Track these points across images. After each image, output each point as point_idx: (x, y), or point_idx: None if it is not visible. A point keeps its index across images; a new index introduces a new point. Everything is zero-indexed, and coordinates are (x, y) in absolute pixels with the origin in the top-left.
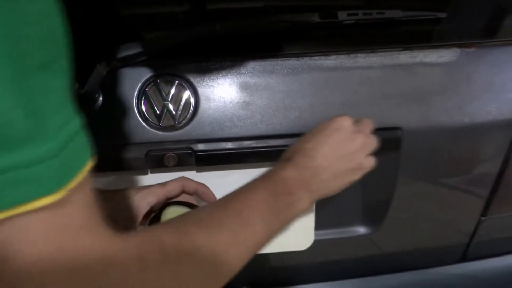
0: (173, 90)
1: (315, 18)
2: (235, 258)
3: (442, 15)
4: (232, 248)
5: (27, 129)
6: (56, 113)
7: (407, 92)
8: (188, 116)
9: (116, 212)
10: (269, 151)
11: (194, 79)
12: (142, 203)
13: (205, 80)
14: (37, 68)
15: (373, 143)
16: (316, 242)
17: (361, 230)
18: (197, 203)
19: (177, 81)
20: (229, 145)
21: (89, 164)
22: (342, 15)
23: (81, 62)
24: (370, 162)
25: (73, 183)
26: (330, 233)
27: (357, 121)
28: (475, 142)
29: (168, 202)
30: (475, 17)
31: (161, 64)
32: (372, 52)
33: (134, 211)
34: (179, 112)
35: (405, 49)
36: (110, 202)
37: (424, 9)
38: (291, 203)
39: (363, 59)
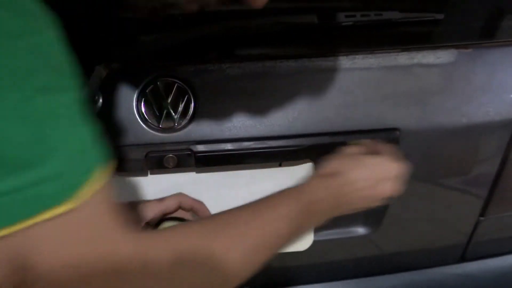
0: (172, 92)
1: (313, 20)
2: (249, 268)
3: (440, 16)
4: (254, 254)
5: (33, 152)
6: (63, 132)
7: (405, 93)
8: (187, 117)
9: None
10: (268, 152)
11: (193, 81)
12: (138, 218)
13: (204, 82)
14: (39, 91)
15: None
16: (315, 243)
17: (360, 230)
18: (193, 219)
19: (176, 83)
20: (228, 146)
21: (102, 173)
22: (340, 17)
23: (80, 64)
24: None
25: (84, 193)
26: (330, 234)
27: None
28: (473, 142)
29: (164, 218)
30: (472, 18)
31: (160, 66)
32: (370, 53)
33: None
34: (178, 113)
35: (403, 50)
36: None
37: (422, 11)
38: (309, 222)
39: (361, 61)
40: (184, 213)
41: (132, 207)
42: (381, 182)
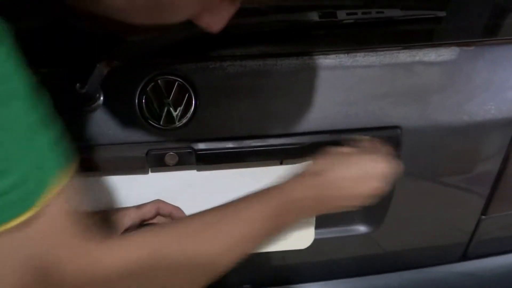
0: (173, 90)
1: (314, 17)
2: (223, 266)
3: (441, 14)
4: (222, 258)
5: None
6: (22, 141)
7: (406, 91)
8: (188, 115)
9: None
10: (269, 150)
11: (194, 79)
12: (117, 225)
13: (205, 80)
14: None
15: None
16: (316, 241)
17: (362, 228)
18: None
19: (177, 81)
20: (230, 144)
21: (63, 177)
22: (341, 14)
23: (82, 62)
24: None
25: (45, 199)
26: (331, 232)
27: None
28: (475, 140)
29: (143, 224)
30: (474, 15)
31: (161, 63)
32: (371, 51)
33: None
34: (179, 111)
35: (404, 48)
36: None
37: (423, 8)
38: (289, 222)
39: (362, 58)
40: (163, 220)
41: (109, 214)
42: (364, 181)
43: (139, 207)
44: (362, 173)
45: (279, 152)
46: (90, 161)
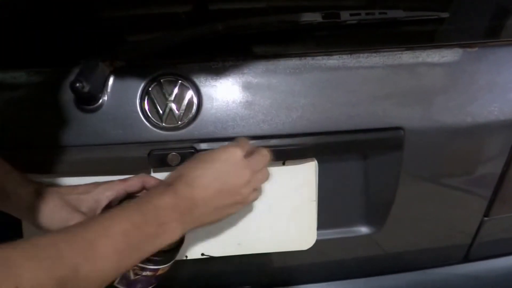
0: (176, 90)
1: (318, 18)
2: (88, 281)
3: (445, 15)
4: (70, 283)
5: None
6: None
7: (409, 92)
8: (190, 115)
9: (77, 205)
10: (271, 150)
11: (196, 79)
12: (101, 197)
13: (207, 80)
14: None
15: (261, 179)
16: (318, 242)
17: (364, 230)
18: None
19: (180, 81)
20: None
21: None
22: (345, 15)
23: (84, 61)
24: (253, 197)
25: None
26: (332, 233)
27: (251, 152)
28: (478, 142)
29: (127, 197)
30: (477, 17)
31: (164, 64)
32: (374, 52)
33: (94, 205)
34: (181, 111)
35: (407, 49)
36: (71, 196)
37: (427, 9)
38: (158, 234)
39: (365, 59)
40: None
41: (94, 187)
42: (229, 173)
43: (124, 180)
44: (222, 167)
45: (281, 152)
46: (91, 161)
